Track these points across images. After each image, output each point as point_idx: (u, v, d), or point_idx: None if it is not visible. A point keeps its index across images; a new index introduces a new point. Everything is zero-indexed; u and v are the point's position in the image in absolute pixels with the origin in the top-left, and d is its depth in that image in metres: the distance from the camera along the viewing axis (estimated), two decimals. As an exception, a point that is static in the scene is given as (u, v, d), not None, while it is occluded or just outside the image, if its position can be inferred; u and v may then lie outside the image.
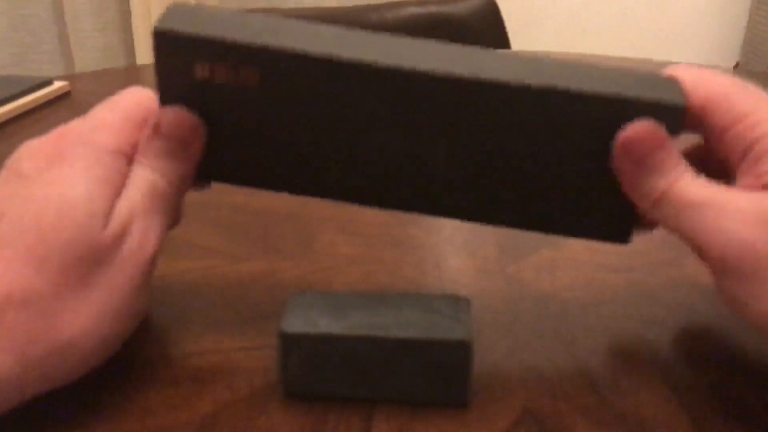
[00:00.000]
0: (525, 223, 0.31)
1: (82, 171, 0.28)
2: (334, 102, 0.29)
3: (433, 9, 1.07)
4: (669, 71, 0.30)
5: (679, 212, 0.27)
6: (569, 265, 0.39)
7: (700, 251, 0.27)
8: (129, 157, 0.29)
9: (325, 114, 0.29)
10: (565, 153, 0.29)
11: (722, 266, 0.26)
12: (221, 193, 0.34)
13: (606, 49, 2.13)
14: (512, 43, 1.07)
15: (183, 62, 0.29)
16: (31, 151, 0.29)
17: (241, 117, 0.30)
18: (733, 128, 0.28)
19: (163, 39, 0.28)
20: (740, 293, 0.26)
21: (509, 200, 0.30)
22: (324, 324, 0.27)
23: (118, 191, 0.28)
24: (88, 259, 0.26)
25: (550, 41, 2.18)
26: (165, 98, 0.30)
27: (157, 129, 0.29)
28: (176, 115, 0.30)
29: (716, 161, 0.29)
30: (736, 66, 2.12)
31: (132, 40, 1.80)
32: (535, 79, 0.28)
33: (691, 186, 0.27)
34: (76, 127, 0.30)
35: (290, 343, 0.27)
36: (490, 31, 1.06)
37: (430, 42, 0.30)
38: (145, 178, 0.29)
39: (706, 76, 0.29)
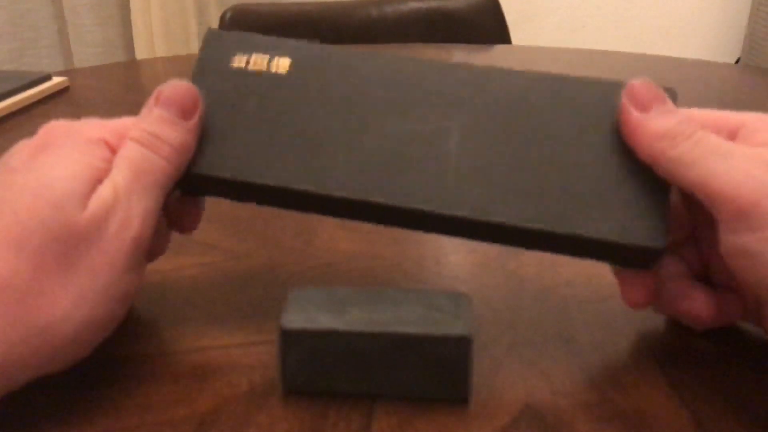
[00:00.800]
0: (541, 229, 0.29)
1: (62, 156, 0.28)
2: (355, 88, 0.32)
3: (433, 4, 1.07)
4: None
5: (707, 154, 0.27)
6: (570, 261, 0.39)
7: (722, 199, 0.26)
8: (114, 149, 0.29)
9: (345, 100, 0.31)
10: (578, 142, 0.30)
11: (745, 214, 0.26)
12: (221, 188, 0.34)
13: (606, 44, 2.13)
14: (512, 38, 1.07)
15: (224, 53, 0.32)
16: (20, 147, 0.29)
17: (266, 105, 0.32)
18: (711, 121, 0.29)
19: (213, 34, 0.33)
20: (760, 246, 0.25)
21: (524, 197, 0.29)
22: (324, 320, 0.27)
23: (100, 176, 0.28)
24: (66, 240, 0.26)
25: (550, 36, 2.18)
26: (198, 82, 0.32)
27: (158, 97, 0.30)
28: (178, 84, 0.30)
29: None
30: (737, 62, 2.12)
31: (131, 35, 1.79)
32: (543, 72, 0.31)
33: (713, 136, 0.28)
34: (64, 121, 0.30)
35: (290, 339, 0.27)
36: (490, 25, 1.06)
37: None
38: (132, 157, 0.29)
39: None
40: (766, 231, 0.25)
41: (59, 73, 0.75)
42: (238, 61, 0.32)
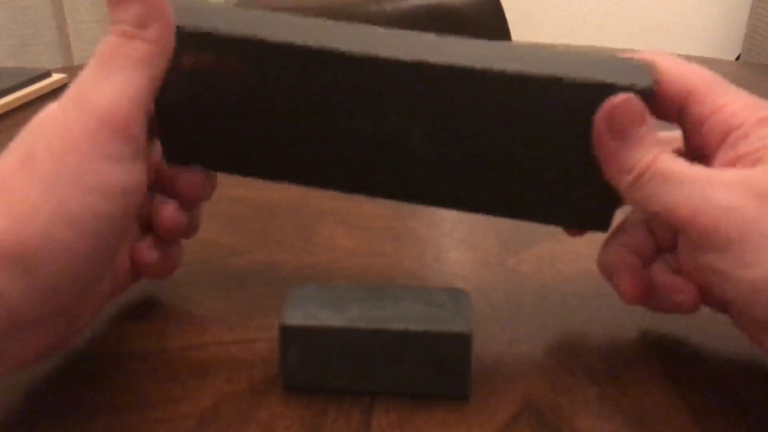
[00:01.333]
0: (504, 209, 0.31)
1: None
2: (310, 89, 0.30)
3: (433, 0, 1.07)
4: (648, 57, 0.31)
5: (664, 186, 0.27)
6: (570, 257, 0.39)
7: (685, 225, 0.27)
8: None
9: (301, 101, 0.30)
10: (539, 139, 0.30)
11: (708, 237, 0.26)
12: (221, 186, 0.34)
13: (607, 41, 2.13)
14: (513, 35, 1.07)
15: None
16: None
17: (225, 105, 0.31)
18: (712, 117, 0.29)
19: None
20: (726, 265, 0.26)
21: (488, 186, 0.31)
22: (324, 316, 0.27)
23: None
24: (22, 138, 0.26)
25: (550, 33, 2.17)
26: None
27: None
28: None
29: (691, 150, 0.30)
30: (738, 58, 2.12)
31: (131, 32, 1.79)
32: (505, 65, 0.29)
33: (675, 162, 0.28)
34: None
35: (290, 335, 0.27)
36: (490, 22, 1.06)
37: (413, 32, 0.31)
38: (100, 48, 0.28)
39: (686, 68, 0.30)
40: (743, 254, 0.25)
41: (59, 70, 0.75)
42: (186, 61, 0.30)
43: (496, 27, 1.06)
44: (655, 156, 0.28)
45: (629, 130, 0.28)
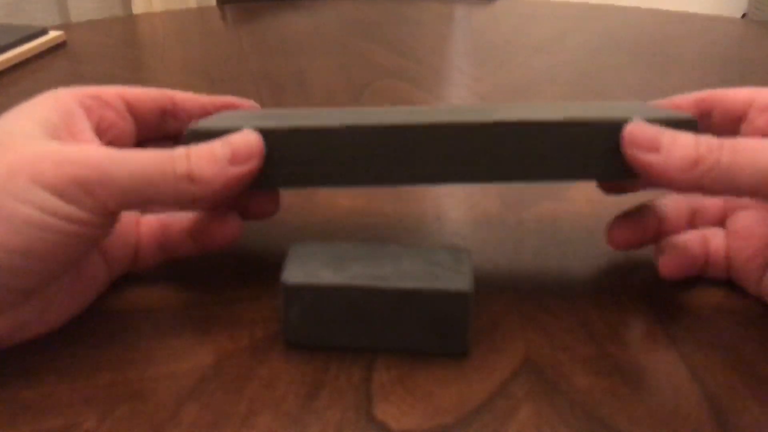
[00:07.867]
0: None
1: None
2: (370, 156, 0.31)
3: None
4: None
5: (743, 159, 0.26)
6: (570, 217, 0.39)
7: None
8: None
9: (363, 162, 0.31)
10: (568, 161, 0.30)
11: None
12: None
13: (611, -1, 2.10)
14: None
15: None
16: None
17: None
18: (722, 106, 0.31)
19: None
20: None
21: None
22: (325, 275, 0.27)
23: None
24: None
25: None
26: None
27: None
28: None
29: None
30: (743, 17, 2.09)
31: (128, -11, 1.76)
32: (538, 115, 0.30)
33: (735, 140, 0.27)
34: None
35: (291, 293, 0.27)
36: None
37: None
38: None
39: (753, 90, 0.32)
40: None
41: (56, 28, 0.74)
42: None
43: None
44: (707, 136, 0.27)
45: (658, 139, 0.28)
